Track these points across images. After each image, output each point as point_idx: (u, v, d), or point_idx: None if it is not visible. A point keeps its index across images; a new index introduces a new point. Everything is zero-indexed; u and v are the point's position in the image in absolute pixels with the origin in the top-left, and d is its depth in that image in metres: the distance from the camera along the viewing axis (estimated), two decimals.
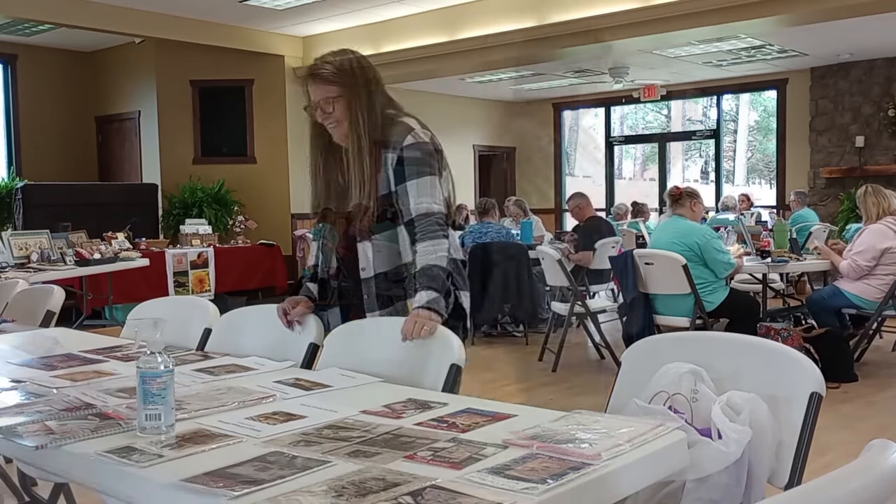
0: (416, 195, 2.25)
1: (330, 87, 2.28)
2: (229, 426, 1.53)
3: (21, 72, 11.00)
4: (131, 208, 9.36)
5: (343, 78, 2.28)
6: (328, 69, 2.29)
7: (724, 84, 12.13)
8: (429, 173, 2.26)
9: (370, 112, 2.28)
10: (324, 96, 2.28)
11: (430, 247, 2.22)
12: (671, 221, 5.50)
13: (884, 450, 0.95)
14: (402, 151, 2.25)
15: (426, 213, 2.24)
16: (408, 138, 2.26)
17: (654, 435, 1.41)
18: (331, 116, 2.29)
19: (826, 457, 3.46)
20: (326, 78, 2.29)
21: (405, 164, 2.25)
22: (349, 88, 2.27)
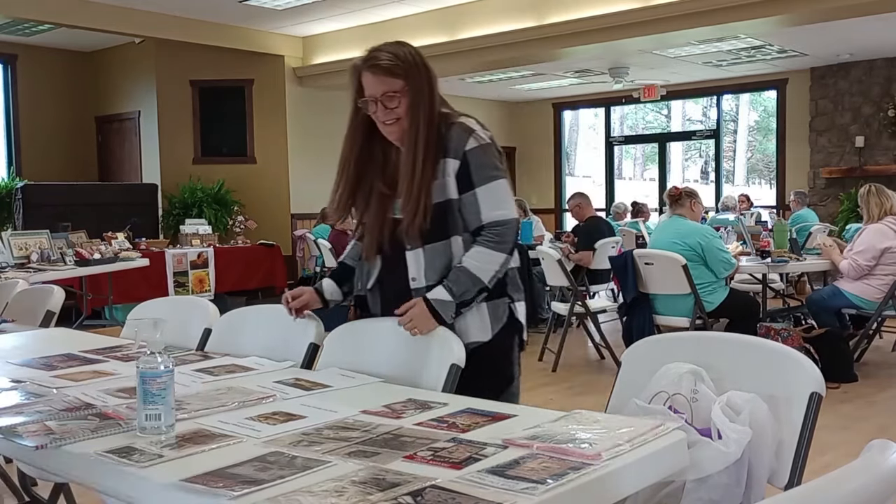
0: (488, 202, 2.06)
1: (394, 81, 2.07)
2: (229, 426, 1.53)
3: (21, 72, 11.00)
4: (131, 208, 9.36)
5: (409, 71, 2.08)
6: (393, 60, 2.08)
7: (724, 84, 12.13)
8: (499, 177, 2.08)
9: (432, 110, 2.09)
10: (387, 90, 2.07)
11: (482, 254, 2.05)
12: (671, 221, 5.50)
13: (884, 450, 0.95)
14: (466, 156, 2.06)
15: (499, 220, 2.06)
16: (469, 141, 2.07)
17: (654, 435, 1.41)
18: (392, 112, 2.08)
19: (826, 457, 3.46)
20: (391, 70, 2.07)
21: (471, 169, 2.06)
22: (414, 83, 2.08)
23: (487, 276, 2.05)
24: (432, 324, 2.00)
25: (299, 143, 10.84)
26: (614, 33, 8.12)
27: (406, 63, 2.08)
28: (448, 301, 2.02)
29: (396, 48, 2.11)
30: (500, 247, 2.05)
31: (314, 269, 9.87)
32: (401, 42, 2.14)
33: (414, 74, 2.08)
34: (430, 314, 2.01)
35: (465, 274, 2.04)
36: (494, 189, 2.06)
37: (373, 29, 9.86)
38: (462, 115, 2.14)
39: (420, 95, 2.08)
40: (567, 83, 12.14)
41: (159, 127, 10.79)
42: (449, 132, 2.08)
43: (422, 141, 2.06)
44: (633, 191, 13.79)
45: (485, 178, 2.06)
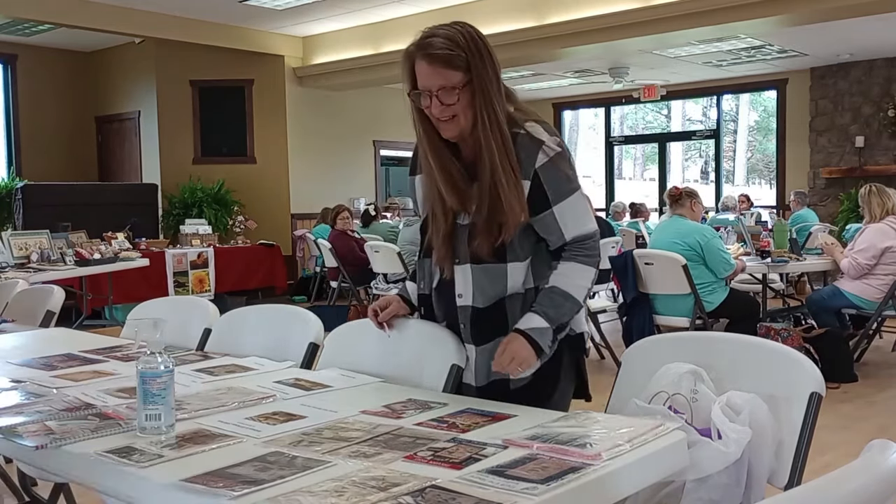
0: (568, 218, 1.83)
1: (453, 74, 1.78)
2: (229, 426, 1.53)
3: (21, 72, 11.01)
4: (131, 208, 9.36)
5: (471, 61, 1.78)
6: (452, 48, 1.78)
7: (724, 84, 12.13)
8: (573, 190, 1.84)
9: (503, 103, 1.83)
10: (444, 84, 1.78)
11: (574, 270, 1.84)
12: (671, 221, 5.50)
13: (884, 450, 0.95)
14: (537, 174, 1.81)
15: (583, 236, 1.85)
16: (539, 156, 1.80)
17: (654, 435, 1.41)
18: (449, 109, 1.79)
19: (826, 457, 3.46)
20: (450, 61, 1.78)
21: (546, 187, 1.81)
22: (478, 76, 1.79)
23: (582, 292, 1.84)
24: (533, 356, 1.77)
25: (299, 143, 10.84)
26: (614, 33, 8.12)
27: (468, 51, 1.79)
28: (545, 328, 1.79)
29: (456, 32, 1.82)
30: (590, 260, 1.86)
31: (314, 269, 9.88)
32: (460, 24, 1.86)
33: (477, 65, 1.79)
34: (524, 345, 1.77)
35: (558, 295, 1.82)
36: (572, 204, 1.84)
37: (373, 29, 9.86)
38: (528, 119, 1.86)
39: (484, 90, 1.79)
40: (567, 83, 12.14)
41: (159, 127, 10.79)
42: (515, 144, 1.81)
43: (507, 138, 1.80)
44: (633, 191, 13.79)
45: (561, 195, 1.82)
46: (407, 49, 1.85)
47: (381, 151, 11.96)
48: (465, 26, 1.85)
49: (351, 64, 10.16)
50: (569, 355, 1.92)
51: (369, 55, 9.91)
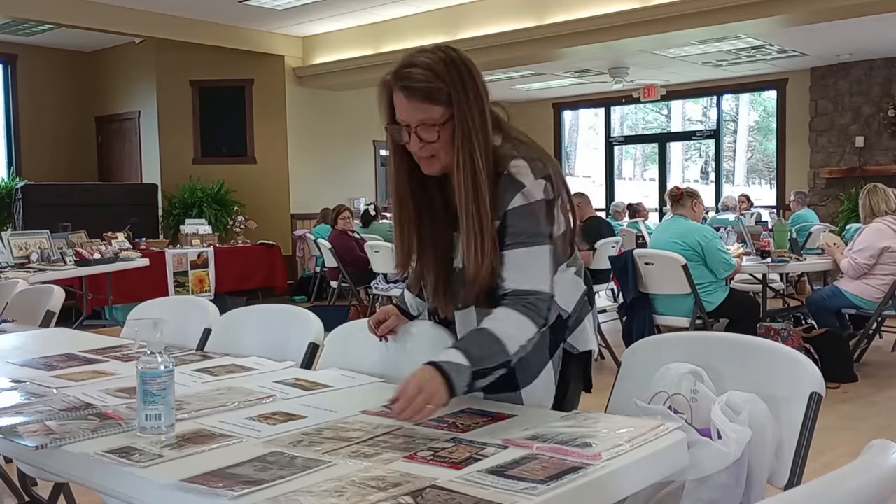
0: (513, 268, 1.65)
1: (433, 108, 1.64)
2: (229, 426, 1.53)
3: (21, 72, 11.01)
4: (131, 208, 9.37)
5: (453, 94, 1.64)
6: (432, 80, 1.64)
7: (724, 84, 12.13)
8: (534, 243, 1.65)
9: (484, 141, 1.66)
10: (423, 118, 1.65)
11: (509, 315, 1.61)
12: (671, 221, 5.50)
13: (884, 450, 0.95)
14: (506, 217, 1.66)
15: (525, 291, 1.64)
16: (516, 199, 1.65)
17: (654, 435, 1.41)
18: (428, 147, 1.67)
19: (826, 457, 3.46)
20: (430, 94, 1.64)
21: (507, 230, 1.66)
22: (459, 110, 1.64)
23: (514, 345, 1.59)
24: (444, 392, 1.50)
25: (299, 143, 10.84)
26: (614, 33, 8.12)
27: (450, 83, 1.64)
28: (463, 366, 1.53)
29: (438, 61, 1.65)
30: (533, 315, 1.62)
31: (314, 269, 9.88)
32: (444, 50, 1.68)
33: (460, 99, 1.64)
34: (436, 380, 1.51)
35: (486, 336, 1.59)
36: (525, 256, 1.65)
37: (373, 29, 9.87)
38: (516, 156, 1.69)
39: (465, 128, 1.65)
40: (567, 83, 12.15)
41: (159, 127, 10.80)
42: (497, 183, 1.67)
43: (483, 184, 1.64)
44: (633, 191, 13.80)
45: (518, 243, 1.65)
46: (384, 78, 1.70)
47: (381, 151, 11.95)
48: (448, 52, 1.68)
49: (351, 64, 10.17)
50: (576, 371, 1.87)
51: (369, 55, 9.92)
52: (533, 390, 1.79)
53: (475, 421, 1.55)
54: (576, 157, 15.05)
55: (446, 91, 1.64)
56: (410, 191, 1.77)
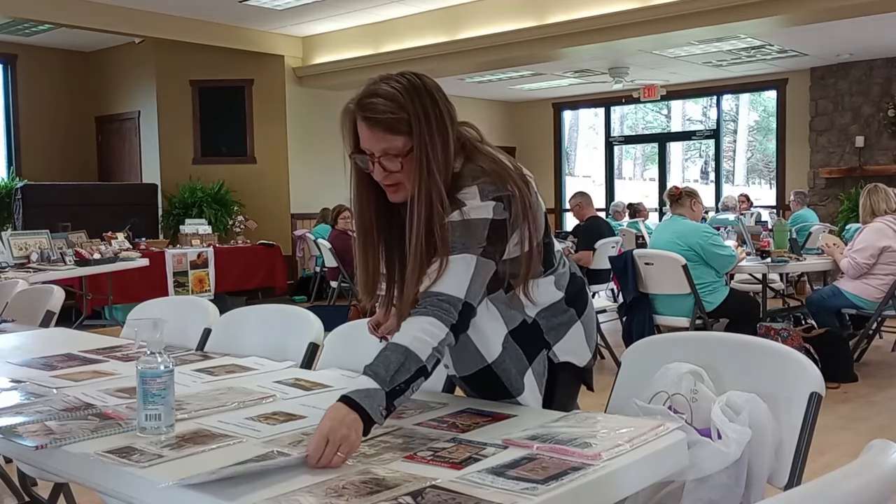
0: (433, 273, 1.61)
1: (395, 139, 1.63)
2: (229, 426, 1.53)
3: (21, 72, 11.01)
4: (131, 208, 9.37)
5: (415, 124, 1.62)
6: (394, 111, 1.62)
7: (724, 84, 12.13)
8: (460, 251, 1.60)
9: (447, 169, 1.65)
10: (386, 148, 1.64)
11: (416, 322, 1.55)
12: (671, 221, 5.51)
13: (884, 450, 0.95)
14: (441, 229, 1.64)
15: (436, 293, 1.58)
16: (453, 215, 1.63)
17: (654, 435, 1.41)
18: (392, 177, 1.66)
19: (826, 457, 3.46)
20: (392, 126, 1.63)
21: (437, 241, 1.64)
22: (419, 142, 1.63)
23: (425, 348, 1.50)
24: (355, 430, 1.36)
25: (299, 143, 10.84)
26: (614, 33, 8.12)
27: (412, 113, 1.62)
28: (373, 389, 1.43)
29: (401, 90, 1.63)
30: (444, 316, 1.55)
31: (314, 269, 9.88)
32: (409, 77, 1.66)
33: (421, 130, 1.62)
34: (347, 419, 1.37)
35: (393, 351, 1.51)
36: (446, 263, 1.60)
37: (373, 29, 9.87)
38: (470, 183, 1.66)
39: (429, 156, 1.62)
40: (567, 83, 12.15)
41: (159, 127, 10.80)
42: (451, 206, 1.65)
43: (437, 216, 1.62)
44: (633, 191, 13.80)
45: (443, 251, 1.61)
46: (347, 106, 1.69)
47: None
48: (412, 80, 1.65)
49: (351, 64, 10.17)
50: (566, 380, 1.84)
51: (369, 55, 9.92)
52: (524, 398, 1.77)
53: (475, 421, 1.55)
54: (576, 157, 15.05)
55: (408, 121, 1.62)
56: (375, 220, 1.77)
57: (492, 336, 1.73)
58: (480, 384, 1.78)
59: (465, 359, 1.74)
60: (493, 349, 1.74)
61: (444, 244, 1.61)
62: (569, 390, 1.88)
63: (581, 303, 1.87)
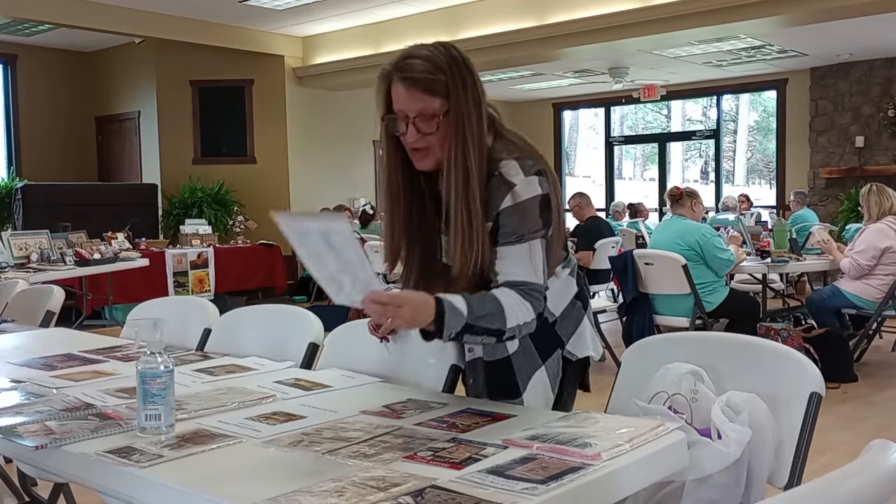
0: (506, 262, 1.66)
1: (432, 99, 1.64)
2: (229, 426, 1.53)
3: (21, 72, 11.01)
4: (131, 208, 9.37)
5: (452, 87, 1.64)
6: (433, 72, 1.64)
7: (724, 84, 12.13)
8: (527, 238, 1.66)
9: (479, 139, 1.66)
10: (422, 109, 1.64)
11: (513, 297, 1.62)
12: (671, 221, 5.51)
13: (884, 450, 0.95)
14: (499, 217, 1.66)
15: (517, 282, 1.64)
16: (506, 199, 1.65)
17: (654, 435, 1.41)
18: (424, 139, 1.66)
19: (826, 457, 3.46)
20: (430, 86, 1.64)
21: (500, 230, 1.67)
22: (457, 105, 1.65)
23: (513, 319, 1.59)
24: (423, 319, 1.51)
25: (299, 143, 10.84)
26: (614, 33, 8.12)
27: (449, 76, 1.64)
28: (461, 313, 1.53)
29: (439, 54, 1.65)
30: (533, 301, 1.63)
31: None
32: (444, 45, 1.68)
33: (458, 93, 1.64)
34: (425, 311, 1.51)
35: (492, 300, 1.59)
36: (517, 251, 1.65)
37: (373, 29, 9.86)
38: (507, 157, 1.69)
39: (464, 121, 1.64)
40: (567, 83, 12.14)
41: (159, 127, 10.80)
42: (489, 184, 1.67)
43: (475, 180, 1.64)
44: (633, 191, 13.79)
45: (510, 242, 1.66)
46: (383, 68, 1.69)
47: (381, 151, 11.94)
48: (449, 48, 1.68)
49: (351, 64, 10.17)
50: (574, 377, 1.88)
51: (369, 55, 9.91)
52: (530, 396, 1.79)
53: (475, 421, 1.55)
54: (576, 157, 15.05)
55: (445, 83, 1.64)
56: (403, 186, 1.76)
57: None
58: (497, 374, 1.80)
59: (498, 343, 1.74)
60: (513, 342, 1.76)
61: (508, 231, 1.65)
62: (572, 390, 1.90)
63: (584, 296, 1.92)
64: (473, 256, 1.64)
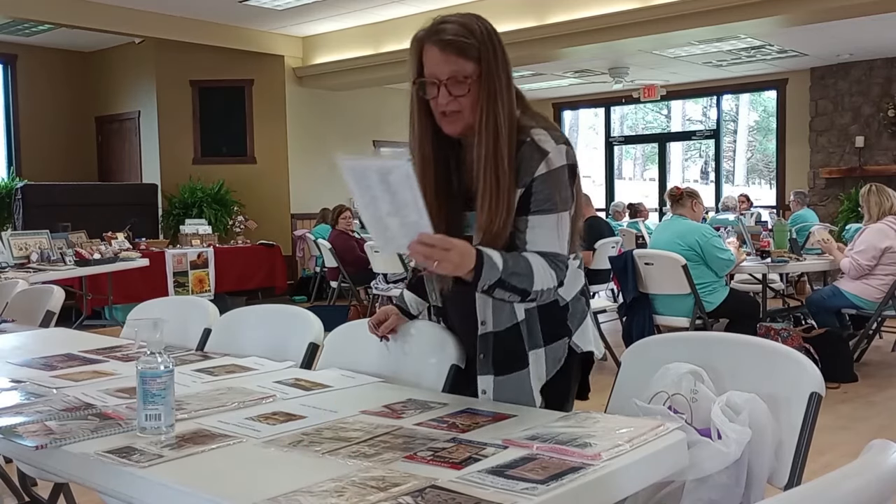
0: (536, 232, 1.70)
1: (465, 63, 1.68)
2: (229, 426, 1.53)
3: (21, 72, 11.01)
4: (131, 208, 9.37)
5: (484, 52, 1.69)
6: (467, 36, 1.69)
7: (724, 84, 12.13)
8: (558, 210, 1.70)
9: (510, 107, 1.71)
10: (455, 72, 1.68)
11: (540, 261, 1.67)
12: (671, 221, 5.51)
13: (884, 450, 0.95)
14: (532, 184, 1.69)
15: (546, 252, 1.69)
16: (540, 166, 1.69)
17: (655, 435, 1.41)
18: (456, 102, 1.70)
19: (826, 457, 3.46)
20: (463, 49, 1.68)
21: (532, 196, 1.70)
22: (489, 69, 1.69)
23: (539, 282, 1.65)
24: (466, 265, 1.55)
25: (299, 143, 10.84)
26: (614, 33, 8.12)
27: (482, 42, 1.70)
28: (496, 268, 1.59)
29: (472, 21, 1.72)
30: (555, 269, 1.69)
31: (314, 269, 9.88)
32: (476, 15, 1.75)
33: (489, 59, 1.69)
34: (468, 258, 1.55)
35: (524, 260, 1.65)
36: (546, 222, 1.70)
37: (373, 29, 9.86)
38: (536, 126, 1.74)
39: (495, 86, 1.69)
40: (567, 83, 12.15)
41: (159, 127, 10.79)
42: (520, 151, 1.70)
43: (504, 142, 1.68)
44: (633, 191, 13.79)
45: (541, 209, 1.69)
46: (416, 34, 1.75)
47: (381, 151, 11.96)
48: (480, 18, 1.75)
49: (351, 64, 10.17)
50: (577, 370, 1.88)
51: (369, 55, 9.91)
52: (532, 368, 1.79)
53: (475, 421, 1.55)
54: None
55: (478, 48, 1.69)
56: (433, 152, 1.78)
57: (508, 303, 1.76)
58: (506, 344, 1.79)
59: (506, 310, 1.77)
60: (520, 311, 1.78)
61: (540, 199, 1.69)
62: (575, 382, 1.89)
63: (587, 293, 1.92)
64: (500, 217, 1.68)
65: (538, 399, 1.78)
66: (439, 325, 2.00)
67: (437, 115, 1.74)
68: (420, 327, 2.06)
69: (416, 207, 1.52)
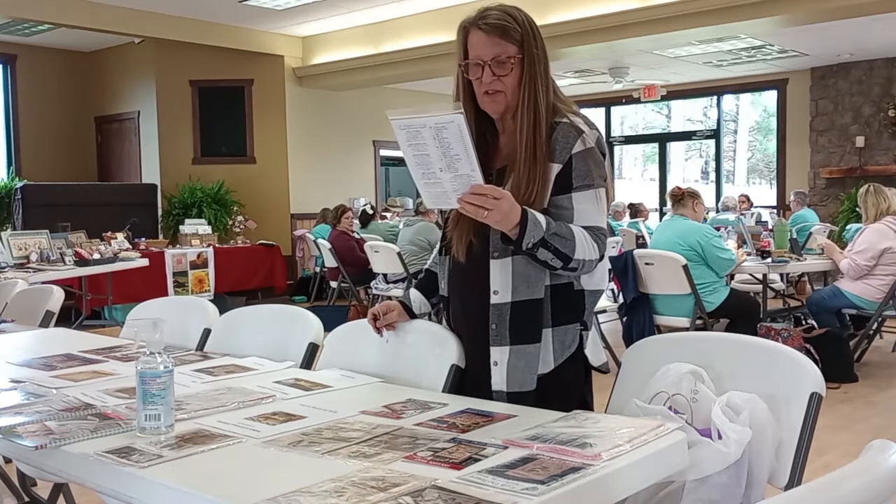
0: (581, 208, 1.80)
1: (508, 45, 1.81)
2: (229, 426, 1.52)
3: (21, 72, 11.01)
4: (131, 208, 9.37)
5: (525, 38, 1.82)
6: (509, 21, 1.82)
7: (724, 84, 12.13)
8: (597, 185, 1.82)
9: (547, 90, 1.84)
10: (499, 53, 1.80)
11: (584, 234, 1.76)
12: (672, 221, 5.51)
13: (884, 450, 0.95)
14: (572, 160, 1.80)
15: (588, 227, 1.78)
16: (577, 144, 1.80)
17: (655, 435, 1.41)
18: (499, 82, 1.81)
19: (826, 457, 3.46)
20: (506, 31, 1.81)
21: (574, 173, 1.80)
22: (530, 53, 1.82)
23: (581, 251, 1.74)
24: (513, 218, 1.65)
25: (299, 143, 10.84)
26: (614, 33, 8.12)
27: (523, 28, 1.82)
28: (540, 227, 1.68)
29: (511, 9, 1.85)
30: (599, 246, 1.79)
31: (314, 269, 9.88)
32: (515, 6, 1.87)
33: (530, 44, 1.82)
34: (514, 212, 1.65)
35: (567, 228, 1.74)
36: (589, 197, 1.80)
37: (373, 29, 9.86)
38: (569, 111, 1.86)
39: (535, 69, 1.82)
40: (567, 83, 12.14)
41: (159, 127, 10.79)
42: (555, 132, 1.81)
43: (542, 122, 1.80)
44: (633, 191, 13.79)
45: (583, 185, 1.80)
46: (461, 23, 1.87)
47: (381, 151, 11.96)
48: (520, 9, 1.87)
49: (351, 64, 10.17)
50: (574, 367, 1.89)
51: (369, 55, 9.91)
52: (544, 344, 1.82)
53: (475, 421, 1.55)
54: None
55: (520, 33, 1.82)
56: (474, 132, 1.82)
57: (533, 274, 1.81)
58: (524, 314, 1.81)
59: (531, 284, 1.81)
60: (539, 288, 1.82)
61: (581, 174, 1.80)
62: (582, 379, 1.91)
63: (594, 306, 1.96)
64: (535, 185, 1.77)
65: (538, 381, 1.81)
66: (439, 326, 2.00)
67: (479, 96, 1.85)
68: (420, 327, 2.06)
69: (468, 160, 1.61)
